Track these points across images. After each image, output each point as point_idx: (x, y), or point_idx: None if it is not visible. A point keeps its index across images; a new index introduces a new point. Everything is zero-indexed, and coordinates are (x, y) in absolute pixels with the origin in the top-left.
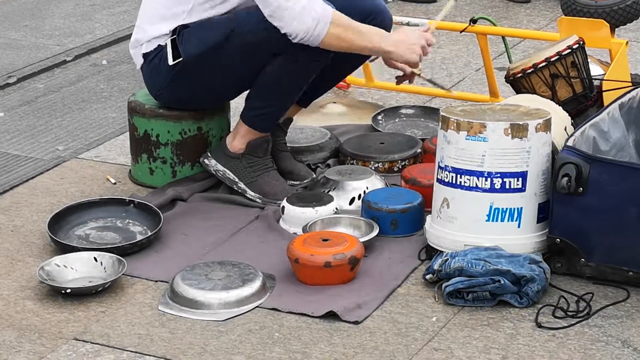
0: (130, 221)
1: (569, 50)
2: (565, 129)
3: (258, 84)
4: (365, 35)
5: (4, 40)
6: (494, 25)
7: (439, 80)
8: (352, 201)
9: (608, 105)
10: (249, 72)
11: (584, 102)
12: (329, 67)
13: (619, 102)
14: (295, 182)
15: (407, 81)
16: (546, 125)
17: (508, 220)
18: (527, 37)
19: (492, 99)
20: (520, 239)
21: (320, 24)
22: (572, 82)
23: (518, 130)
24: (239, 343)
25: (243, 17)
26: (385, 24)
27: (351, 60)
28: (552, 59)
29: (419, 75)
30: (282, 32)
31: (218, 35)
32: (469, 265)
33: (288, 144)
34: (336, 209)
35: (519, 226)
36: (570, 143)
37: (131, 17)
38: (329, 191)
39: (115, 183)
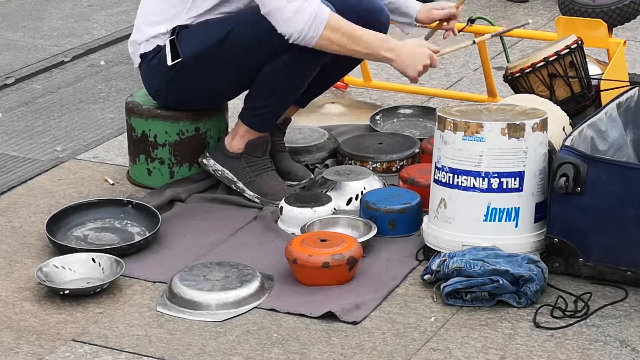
0: (129, 222)
1: (568, 50)
2: (563, 129)
3: (257, 83)
4: (363, 41)
5: (2, 41)
6: (492, 24)
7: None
8: (349, 201)
9: (606, 105)
10: (247, 72)
11: (582, 102)
12: (327, 66)
13: (616, 101)
14: (293, 183)
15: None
16: (543, 125)
17: (505, 220)
18: (525, 37)
19: (490, 99)
20: (517, 238)
21: (313, 27)
22: (570, 81)
23: (515, 130)
24: (237, 344)
25: (242, 18)
26: (382, 22)
27: (349, 59)
28: (551, 59)
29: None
30: (278, 31)
31: (217, 36)
32: (467, 265)
33: (286, 144)
34: (334, 209)
35: (516, 226)
36: (568, 143)
37: (129, 18)
38: (327, 191)
39: (113, 184)
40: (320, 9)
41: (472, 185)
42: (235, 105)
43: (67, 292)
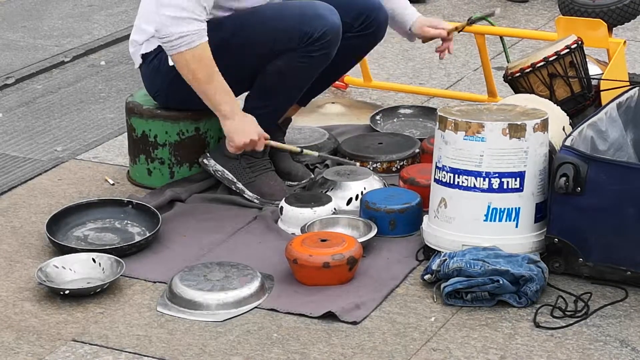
0: (129, 222)
1: (568, 50)
2: (563, 129)
3: (258, 84)
4: (215, 85)
5: (2, 41)
6: (492, 25)
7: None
8: (349, 201)
9: (606, 105)
10: (249, 72)
11: (582, 102)
12: (327, 65)
13: (616, 101)
14: (293, 183)
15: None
16: (544, 125)
17: (506, 220)
18: (525, 37)
19: (490, 99)
20: (518, 238)
21: (179, 41)
22: (570, 81)
23: (516, 130)
24: (238, 344)
25: (246, 19)
26: (380, 21)
27: (348, 59)
28: (551, 59)
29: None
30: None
31: (220, 36)
32: (468, 265)
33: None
34: (334, 209)
35: (516, 226)
36: (568, 143)
37: (129, 18)
38: (327, 191)
39: (113, 184)
40: (198, 35)
41: (472, 185)
42: None
43: (67, 292)
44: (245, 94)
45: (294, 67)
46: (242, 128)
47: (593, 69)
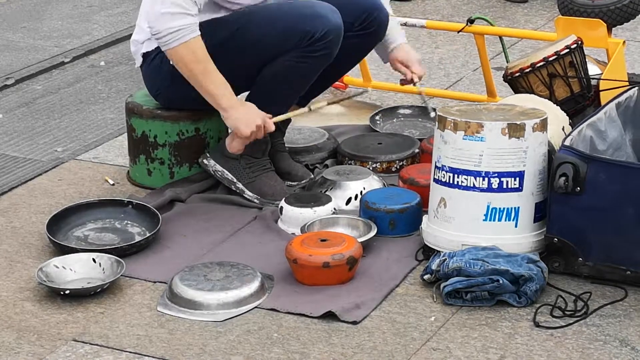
0: (129, 222)
1: (567, 50)
2: (562, 129)
3: (259, 84)
4: (211, 79)
5: (2, 42)
6: (492, 25)
7: (428, 103)
8: (348, 201)
9: (605, 105)
10: (249, 72)
11: (581, 102)
12: (327, 66)
13: (616, 101)
14: (293, 183)
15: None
16: (543, 125)
17: (505, 220)
18: (525, 37)
19: (490, 99)
20: (517, 238)
21: (172, 36)
22: (569, 81)
23: (515, 130)
24: (238, 343)
25: (247, 18)
26: (381, 21)
27: (348, 59)
28: (550, 59)
29: (418, 89)
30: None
31: (221, 35)
32: (467, 265)
33: (286, 145)
34: (334, 209)
35: (516, 226)
36: (567, 143)
37: (129, 18)
38: (326, 191)
39: (113, 184)
40: (189, 29)
41: (472, 185)
42: None
43: (67, 292)
44: (246, 93)
45: (295, 67)
46: (245, 117)
47: (592, 69)
